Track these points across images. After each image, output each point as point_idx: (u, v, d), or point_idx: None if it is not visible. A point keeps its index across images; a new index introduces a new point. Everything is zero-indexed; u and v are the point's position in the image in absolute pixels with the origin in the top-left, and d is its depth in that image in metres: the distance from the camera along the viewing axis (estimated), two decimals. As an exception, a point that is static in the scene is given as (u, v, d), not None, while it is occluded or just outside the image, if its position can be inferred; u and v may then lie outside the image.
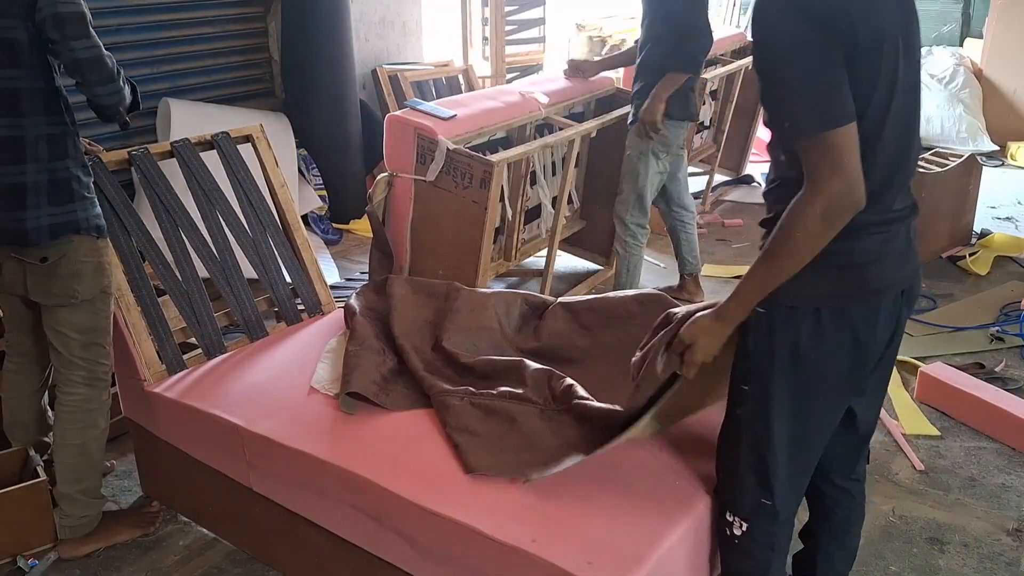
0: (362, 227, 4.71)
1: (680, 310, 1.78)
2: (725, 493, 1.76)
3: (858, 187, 1.40)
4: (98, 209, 2.22)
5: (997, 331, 3.53)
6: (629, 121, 3.50)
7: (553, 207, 3.71)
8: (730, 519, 1.73)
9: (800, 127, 1.40)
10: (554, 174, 3.82)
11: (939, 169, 4.28)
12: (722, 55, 5.44)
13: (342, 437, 2.01)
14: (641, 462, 1.86)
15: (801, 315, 1.54)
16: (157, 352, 2.36)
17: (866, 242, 1.51)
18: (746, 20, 7.86)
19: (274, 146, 2.80)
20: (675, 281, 3.93)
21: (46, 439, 2.51)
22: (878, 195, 1.48)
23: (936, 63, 6.74)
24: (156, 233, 2.46)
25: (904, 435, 2.85)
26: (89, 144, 2.44)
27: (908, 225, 1.58)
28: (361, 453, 1.93)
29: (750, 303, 1.56)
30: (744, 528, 1.72)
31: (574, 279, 4.15)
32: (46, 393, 2.51)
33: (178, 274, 2.45)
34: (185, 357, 2.44)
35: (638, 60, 3.47)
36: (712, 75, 4.77)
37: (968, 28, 7.38)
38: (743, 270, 1.78)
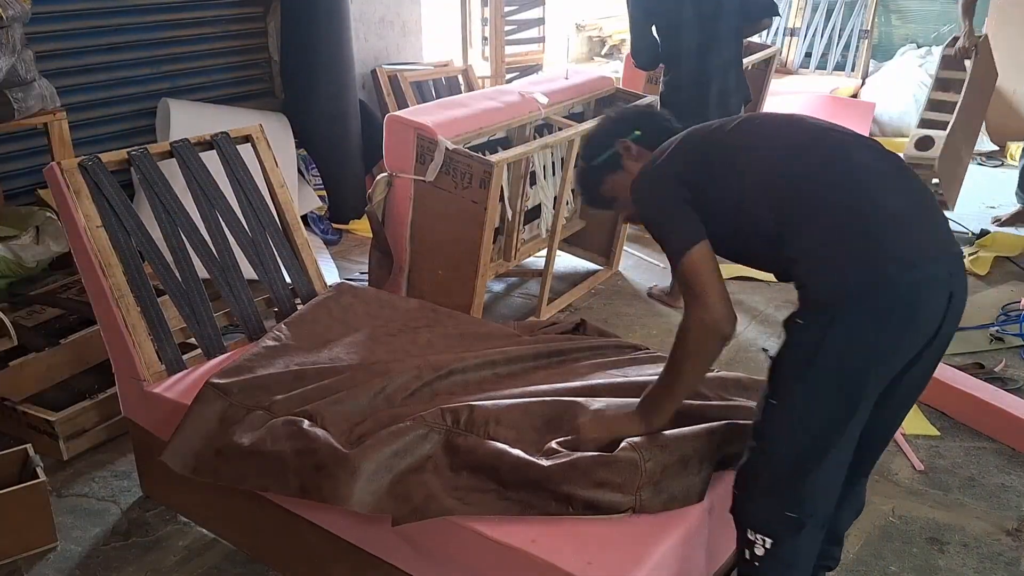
0: (362, 227, 4.71)
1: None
2: (748, 510, 1.70)
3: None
4: None
5: (997, 331, 3.53)
6: None
7: (553, 207, 3.71)
8: (752, 537, 1.68)
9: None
10: (554, 174, 3.82)
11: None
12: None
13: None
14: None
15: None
16: (157, 352, 2.36)
17: None
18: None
19: (274, 146, 2.80)
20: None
21: None
22: None
23: (936, 63, 6.73)
24: (156, 233, 2.46)
25: (904, 435, 2.85)
26: None
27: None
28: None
29: (661, 413, 1.78)
30: (768, 545, 1.66)
31: (574, 279, 4.15)
32: None
33: (178, 274, 2.45)
34: (185, 357, 2.44)
35: None
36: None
37: (968, 28, 7.38)
38: (743, 270, 1.79)
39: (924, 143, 4.96)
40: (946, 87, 5.23)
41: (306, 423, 1.93)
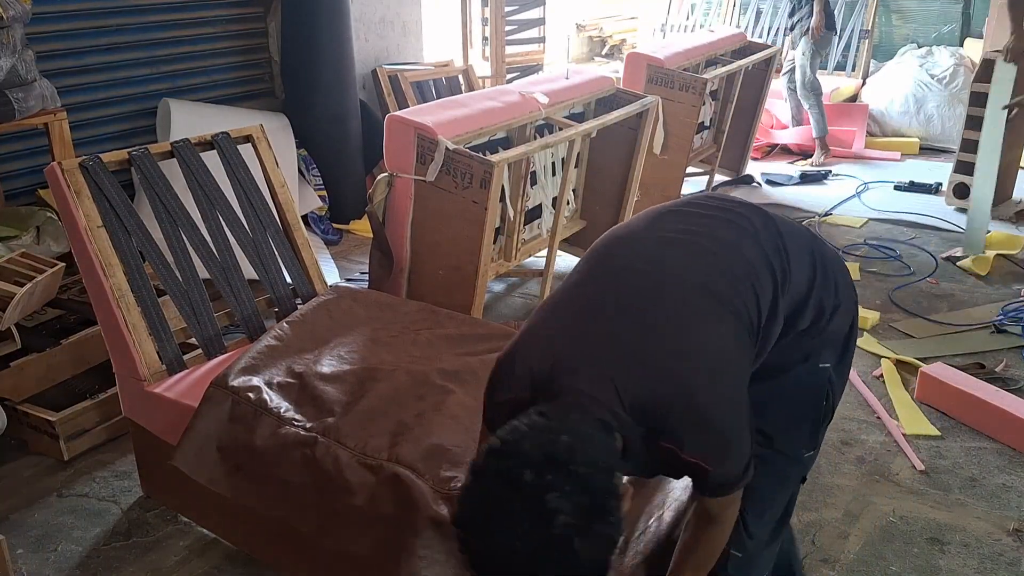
0: (362, 227, 4.71)
1: None
2: None
3: None
4: None
5: (999, 322, 3.52)
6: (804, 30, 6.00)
7: (553, 207, 3.71)
8: None
9: None
10: (554, 174, 3.82)
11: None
12: (722, 55, 5.44)
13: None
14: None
15: None
16: (157, 352, 2.36)
17: None
18: (746, 20, 7.87)
19: (274, 146, 2.80)
20: None
21: None
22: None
23: (936, 63, 6.74)
24: (156, 233, 2.46)
25: (904, 435, 2.85)
26: None
27: None
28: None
29: None
30: None
31: (574, 279, 4.14)
32: None
33: (178, 274, 2.45)
34: (185, 357, 2.44)
35: None
36: (712, 75, 4.77)
37: (968, 28, 7.38)
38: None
39: (961, 190, 4.97)
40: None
41: (320, 440, 1.95)
